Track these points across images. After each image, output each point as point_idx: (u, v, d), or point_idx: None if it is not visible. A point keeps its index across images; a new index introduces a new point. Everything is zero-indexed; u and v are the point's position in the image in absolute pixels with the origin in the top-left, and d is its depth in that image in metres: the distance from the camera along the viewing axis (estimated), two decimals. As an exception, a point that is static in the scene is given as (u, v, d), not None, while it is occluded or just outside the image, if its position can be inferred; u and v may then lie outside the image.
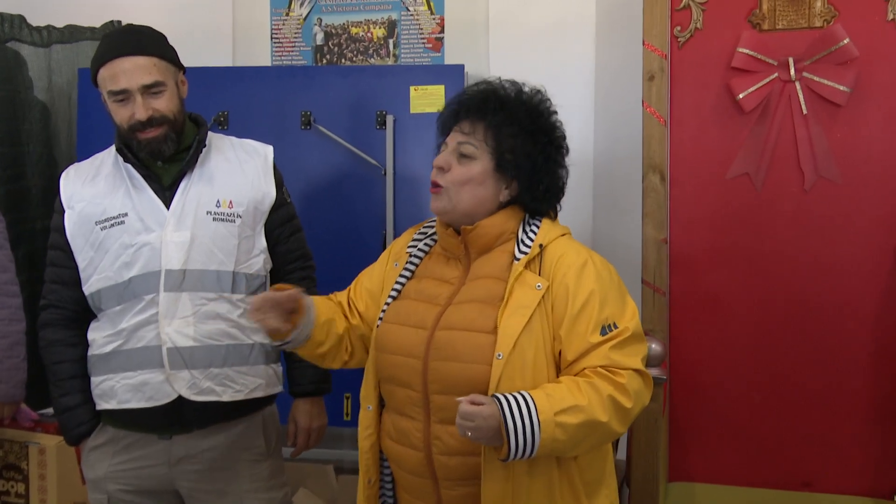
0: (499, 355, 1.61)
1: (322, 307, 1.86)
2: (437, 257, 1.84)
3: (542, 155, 1.76)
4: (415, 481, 1.76)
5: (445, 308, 1.73)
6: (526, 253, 1.71)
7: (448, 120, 1.81)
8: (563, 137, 1.82)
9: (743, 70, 2.57)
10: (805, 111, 2.53)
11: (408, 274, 1.85)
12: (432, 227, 1.90)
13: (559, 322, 1.65)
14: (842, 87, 2.50)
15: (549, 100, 1.82)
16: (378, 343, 1.81)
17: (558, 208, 1.85)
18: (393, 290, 1.84)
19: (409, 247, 1.90)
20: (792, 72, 2.53)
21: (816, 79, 2.52)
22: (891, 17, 2.48)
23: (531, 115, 1.76)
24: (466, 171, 1.73)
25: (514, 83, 1.81)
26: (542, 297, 1.66)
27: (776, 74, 2.55)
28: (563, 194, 1.84)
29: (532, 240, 1.74)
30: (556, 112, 1.81)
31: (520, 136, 1.73)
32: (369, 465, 1.84)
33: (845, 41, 2.48)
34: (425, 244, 1.88)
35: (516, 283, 1.68)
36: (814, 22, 2.53)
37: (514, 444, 1.52)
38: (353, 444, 3.42)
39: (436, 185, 1.76)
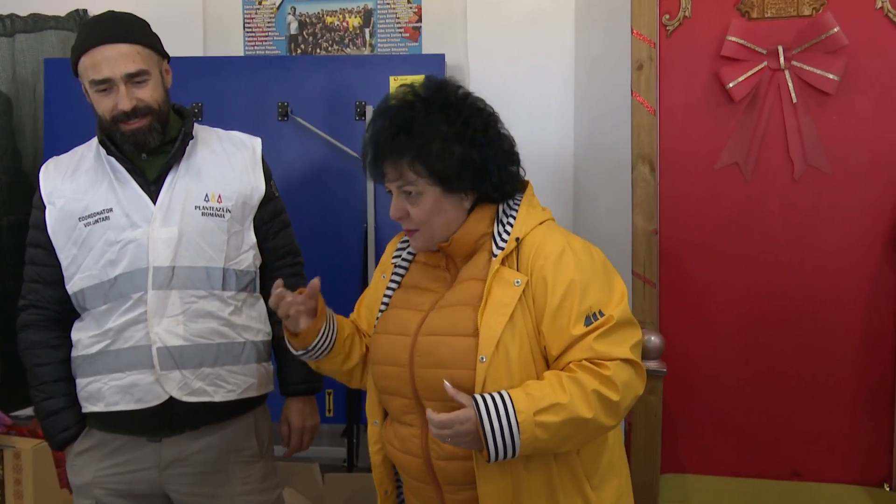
0: (482, 358, 1.56)
1: (344, 322, 1.84)
2: (422, 266, 1.80)
3: (477, 148, 1.66)
4: (420, 486, 1.73)
5: (427, 313, 1.69)
6: (502, 248, 1.66)
7: (373, 167, 1.73)
8: (484, 109, 1.71)
9: (732, 59, 2.55)
10: (794, 100, 2.53)
11: (394, 286, 1.81)
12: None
13: (541, 316, 1.60)
14: (831, 76, 2.49)
15: (449, 79, 1.72)
16: (370, 355, 1.79)
17: (522, 173, 1.76)
18: (382, 302, 1.81)
19: (394, 257, 1.86)
20: (781, 60, 2.52)
21: (806, 67, 2.52)
22: (879, 5, 2.48)
23: (448, 116, 1.65)
24: (422, 209, 1.66)
25: (407, 87, 1.69)
26: (523, 292, 1.60)
27: (765, 63, 2.54)
28: (518, 157, 1.74)
29: (508, 233, 1.67)
30: (461, 87, 1.71)
31: (449, 149, 1.63)
32: (383, 477, 1.81)
33: (835, 29, 2.48)
34: (409, 253, 1.84)
35: (494, 281, 1.62)
36: (802, 10, 2.52)
37: (492, 447, 1.48)
38: (334, 441, 3.37)
39: (409, 230, 1.72)
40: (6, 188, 3.30)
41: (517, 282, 1.61)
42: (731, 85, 2.54)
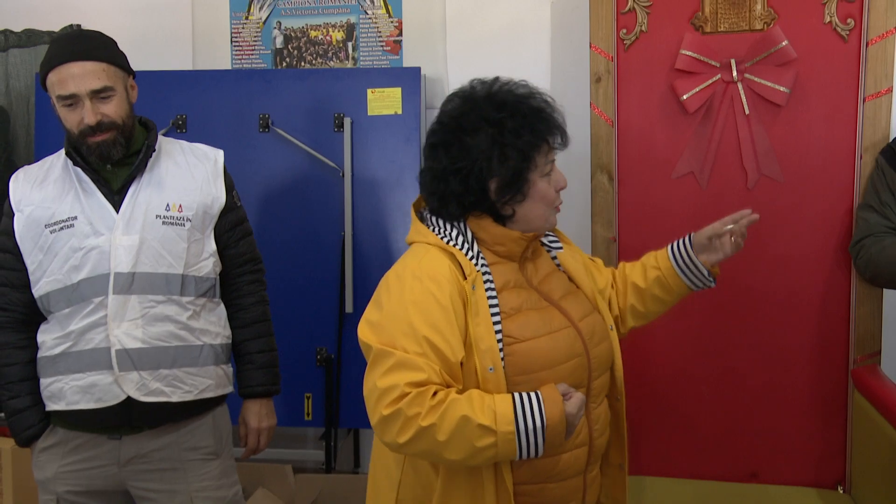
0: (611, 327, 1.84)
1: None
2: (500, 266, 1.75)
3: None
4: (568, 485, 1.75)
5: (558, 304, 1.77)
6: (556, 241, 1.90)
7: (540, 137, 1.74)
8: None
9: (686, 72, 2.62)
10: (747, 111, 2.59)
11: (494, 293, 1.70)
12: (458, 241, 1.73)
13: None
14: (781, 88, 2.55)
15: None
16: (534, 362, 1.67)
17: None
18: (493, 311, 1.67)
19: (476, 266, 1.73)
20: (734, 73, 2.58)
21: (757, 80, 2.58)
22: (828, 19, 2.54)
23: None
24: None
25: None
26: None
27: (719, 76, 2.60)
28: None
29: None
30: None
31: None
32: None
33: (784, 43, 2.54)
34: (482, 259, 1.73)
35: (581, 268, 1.90)
36: (754, 24, 2.59)
37: None
38: (314, 444, 3.46)
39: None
40: (0, 197, 3.42)
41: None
42: (685, 97, 2.60)
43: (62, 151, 2.17)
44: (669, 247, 1.97)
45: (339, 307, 3.17)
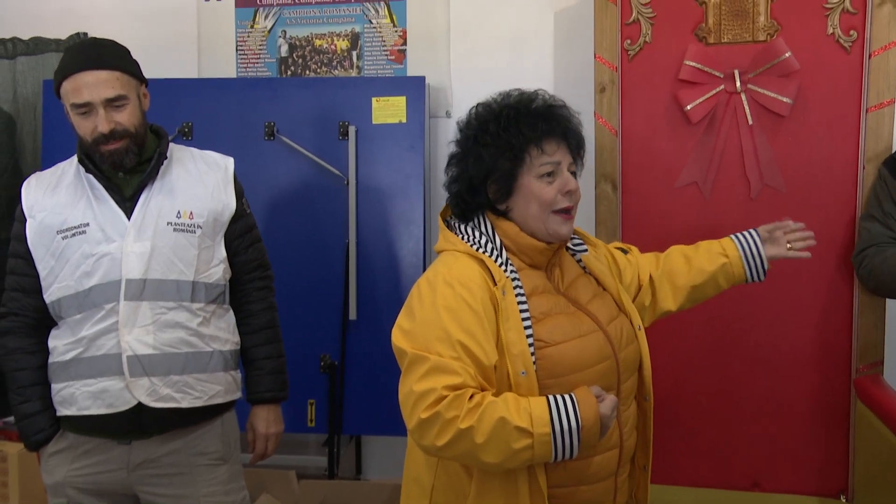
0: (639, 327, 1.85)
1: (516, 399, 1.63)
2: (528, 272, 1.77)
3: None
4: (600, 488, 1.77)
5: (585, 309, 1.78)
6: (581, 244, 1.90)
7: (532, 135, 1.73)
8: None
9: (690, 82, 2.64)
10: (750, 122, 2.61)
11: (523, 298, 1.72)
12: (487, 248, 1.75)
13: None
14: (784, 99, 2.58)
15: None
16: (565, 366, 1.69)
17: None
18: (524, 316, 1.69)
19: (506, 272, 1.75)
20: (737, 84, 2.61)
21: (760, 90, 2.60)
22: (830, 31, 2.57)
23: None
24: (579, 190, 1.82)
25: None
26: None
27: (722, 86, 2.63)
28: None
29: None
30: None
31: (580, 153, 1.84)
32: None
33: (787, 54, 2.57)
34: (510, 265, 1.74)
35: (607, 269, 1.89)
36: (758, 36, 2.61)
37: None
38: (317, 451, 3.47)
39: (568, 210, 1.77)
40: (6, 204, 3.44)
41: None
42: (689, 107, 2.63)
43: (74, 158, 2.19)
44: (735, 238, 2.08)
45: (342, 314, 3.18)
